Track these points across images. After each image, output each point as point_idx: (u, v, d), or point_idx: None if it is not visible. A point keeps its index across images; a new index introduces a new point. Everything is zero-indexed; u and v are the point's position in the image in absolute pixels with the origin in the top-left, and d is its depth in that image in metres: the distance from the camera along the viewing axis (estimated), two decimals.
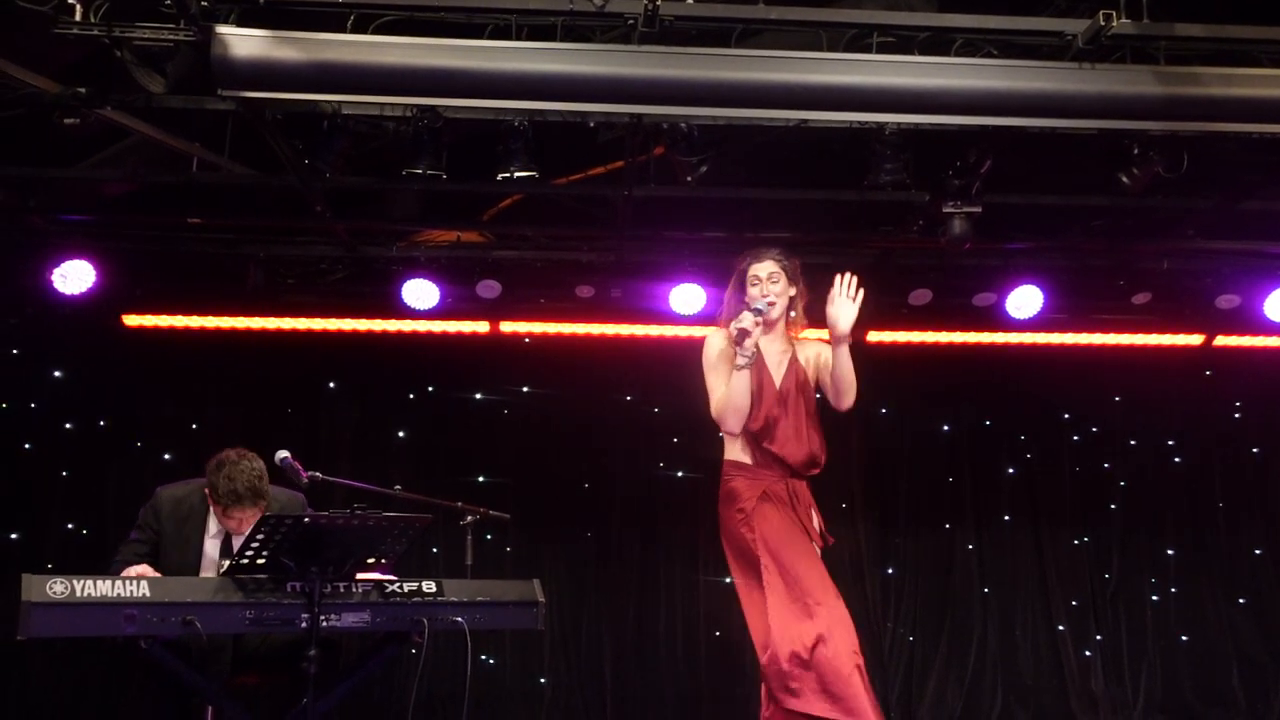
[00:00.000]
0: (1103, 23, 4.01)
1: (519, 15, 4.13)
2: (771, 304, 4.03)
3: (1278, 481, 7.27)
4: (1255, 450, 7.37)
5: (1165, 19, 4.21)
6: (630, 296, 6.56)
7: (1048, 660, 7.01)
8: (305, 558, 3.55)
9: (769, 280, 4.10)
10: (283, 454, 4.15)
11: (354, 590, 3.73)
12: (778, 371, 4.12)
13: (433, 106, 4.50)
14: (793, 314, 4.20)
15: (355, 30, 4.05)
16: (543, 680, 6.76)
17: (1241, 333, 6.88)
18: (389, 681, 6.39)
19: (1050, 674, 6.97)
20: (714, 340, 4.09)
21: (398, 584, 3.79)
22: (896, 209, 5.78)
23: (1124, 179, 4.99)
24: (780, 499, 3.98)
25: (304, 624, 3.54)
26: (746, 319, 3.88)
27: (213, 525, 4.17)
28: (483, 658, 6.67)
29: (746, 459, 4.05)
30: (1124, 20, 4.09)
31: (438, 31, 4.13)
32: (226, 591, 3.52)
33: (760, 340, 3.98)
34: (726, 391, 3.93)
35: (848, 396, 4.05)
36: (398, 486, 4.52)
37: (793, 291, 4.16)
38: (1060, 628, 7.04)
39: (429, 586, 3.87)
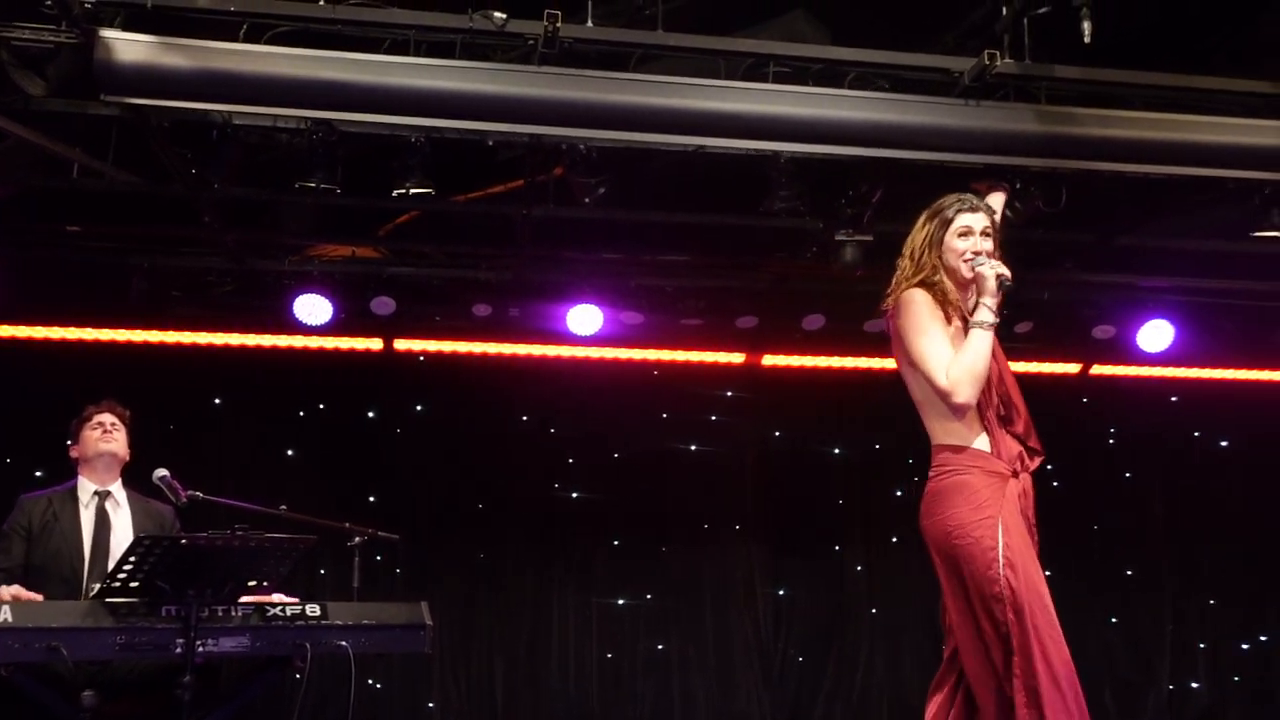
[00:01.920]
0: (987, 62, 4.17)
1: (417, 31, 4.10)
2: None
3: (1147, 505, 7.57)
4: (1128, 475, 7.67)
5: (1046, 61, 4.39)
6: (528, 316, 6.54)
7: (933, 679, 7.15)
8: (182, 580, 3.43)
9: (982, 235, 3.30)
10: (161, 471, 4.04)
11: (233, 614, 3.62)
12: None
13: (327, 120, 4.42)
14: None
15: (248, 40, 3.97)
16: (431, 704, 6.66)
17: (1116, 362, 7.18)
18: (270, 708, 6.19)
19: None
20: (918, 298, 3.22)
21: (279, 607, 3.69)
22: (791, 235, 5.89)
23: (1007, 212, 5.16)
24: (1018, 501, 3.15)
25: (179, 649, 3.43)
26: (996, 265, 3.19)
27: (87, 520, 4.14)
28: (369, 681, 6.52)
29: (981, 445, 3.16)
30: (1007, 60, 4.26)
31: (334, 44, 4.07)
32: (96, 616, 3.39)
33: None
34: (963, 352, 3.11)
35: None
36: (283, 506, 4.44)
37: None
38: (945, 648, 7.19)
39: (312, 609, 3.78)
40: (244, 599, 3.69)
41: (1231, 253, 5.91)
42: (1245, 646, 7.42)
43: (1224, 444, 7.61)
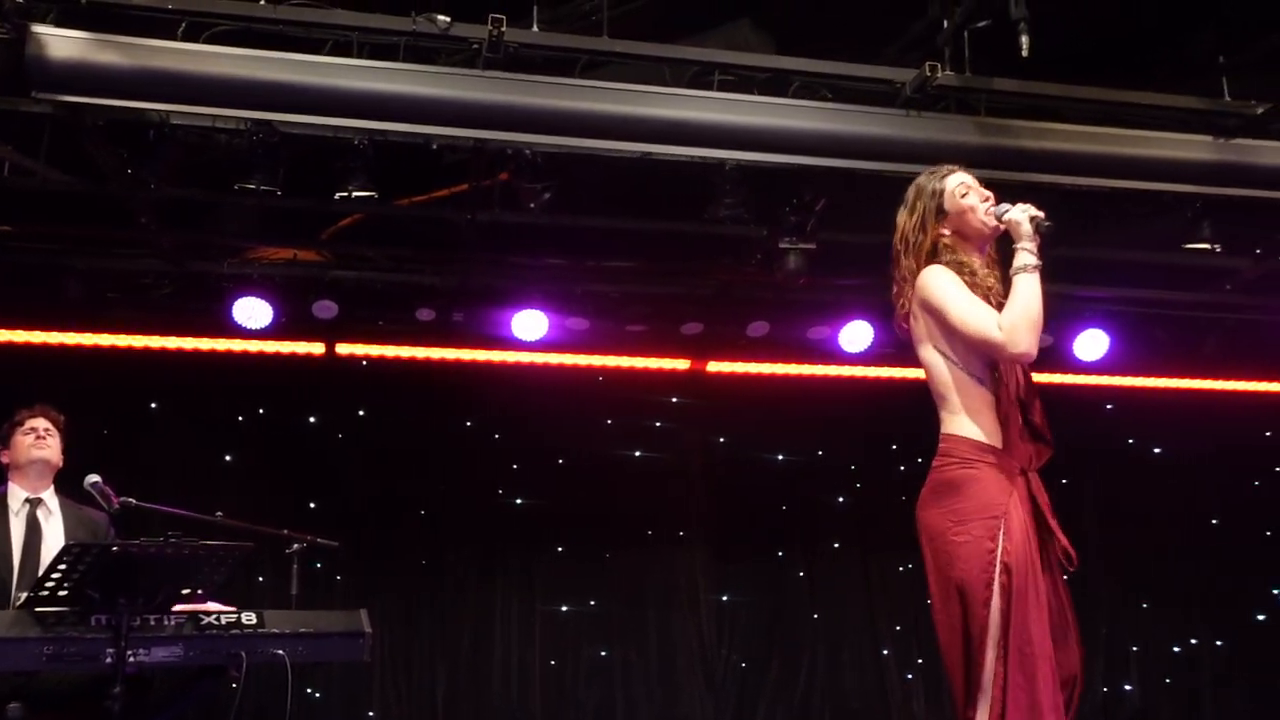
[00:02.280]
0: (928, 73, 4.23)
1: (360, 33, 4.07)
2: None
3: (1082, 511, 7.71)
4: (1064, 481, 7.79)
5: (986, 74, 4.46)
6: (472, 321, 6.50)
7: (872, 683, 7.24)
8: (112, 588, 3.35)
9: (978, 185, 3.12)
10: (93, 478, 3.95)
11: (166, 623, 3.54)
12: None
13: (268, 121, 4.36)
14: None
15: (186, 38, 3.91)
16: (371, 713, 6.58)
17: (1052, 370, 7.30)
18: (205, 719, 6.09)
19: (874, 697, 7.20)
20: (936, 271, 2.99)
21: (214, 615, 3.62)
22: (736, 242, 5.92)
23: None
24: (1028, 503, 2.95)
25: (109, 660, 3.34)
26: (1027, 207, 2.94)
27: (17, 529, 4.05)
28: (308, 691, 6.44)
29: (994, 439, 2.92)
30: (948, 72, 4.33)
31: (275, 45, 4.02)
32: (23, 625, 3.29)
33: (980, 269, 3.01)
34: (1013, 300, 2.85)
35: None
36: (219, 513, 4.34)
37: None
38: (885, 652, 7.28)
39: (248, 618, 3.71)
40: (178, 607, 3.62)
41: (1165, 264, 6.05)
42: (1176, 649, 7.59)
43: (1157, 451, 7.78)
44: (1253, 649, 7.59)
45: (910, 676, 7.26)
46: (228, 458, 6.73)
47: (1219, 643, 7.60)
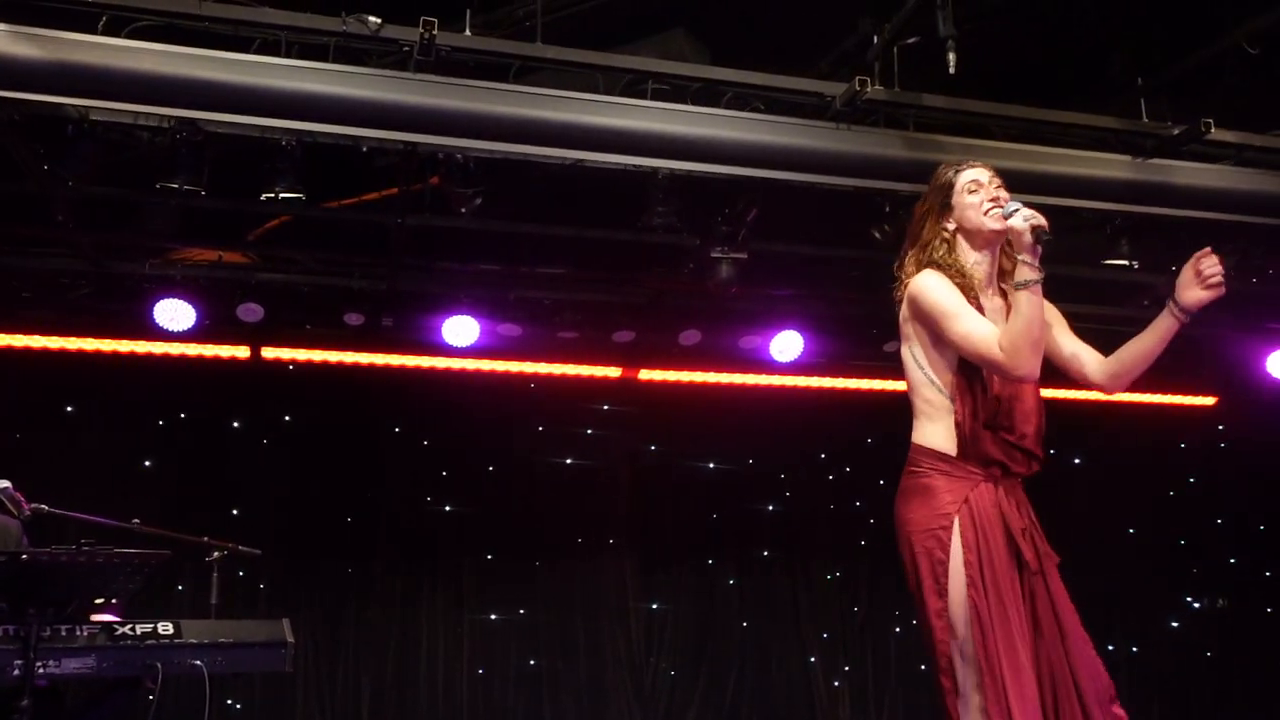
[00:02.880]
0: (858, 87, 4.28)
1: (289, 32, 4.01)
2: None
3: None
4: None
5: (914, 89, 4.54)
6: (402, 326, 6.43)
7: (800, 691, 7.30)
8: (21, 598, 3.25)
9: (992, 185, 2.95)
10: (3, 483, 3.81)
11: (78, 633, 3.44)
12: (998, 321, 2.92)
13: (192, 119, 4.26)
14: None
15: (107, 33, 3.81)
16: None
17: None
18: None
19: (802, 705, 7.26)
20: (931, 279, 2.88)
21: (128, 625, 3.52)
22: (668, 251, 5.93)
23: (876, 234, 5.31)
24: (996, 509, 2.88)
25: (17, 671, 3.23)
26: (1031, 215, 2.77)
27: None
28: (229, 702, 6.30)
29: (951, 448, 2.87)
30: (878, 87, 4.39)
31: (200, 42, 3.94)
32: None
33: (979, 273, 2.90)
34: (1014, 318, 2.78)
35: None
36: (136, 520, 4.22)
37: None
38: (812, 659, 7.34)
39: (165, 628, 3.63)
40: (95, 617, 3.52)
41: (1085, 279, 6.19)
42: None
43: (1077, 461, 7.97)
44: (1167, 655, 7.81)
45: (837, 684, 7.33)
46: (147, 463, 6.58)
47: (1134, 649, 7.79)
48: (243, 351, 6.43)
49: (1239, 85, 4.80)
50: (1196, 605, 8.01)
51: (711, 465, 7.54)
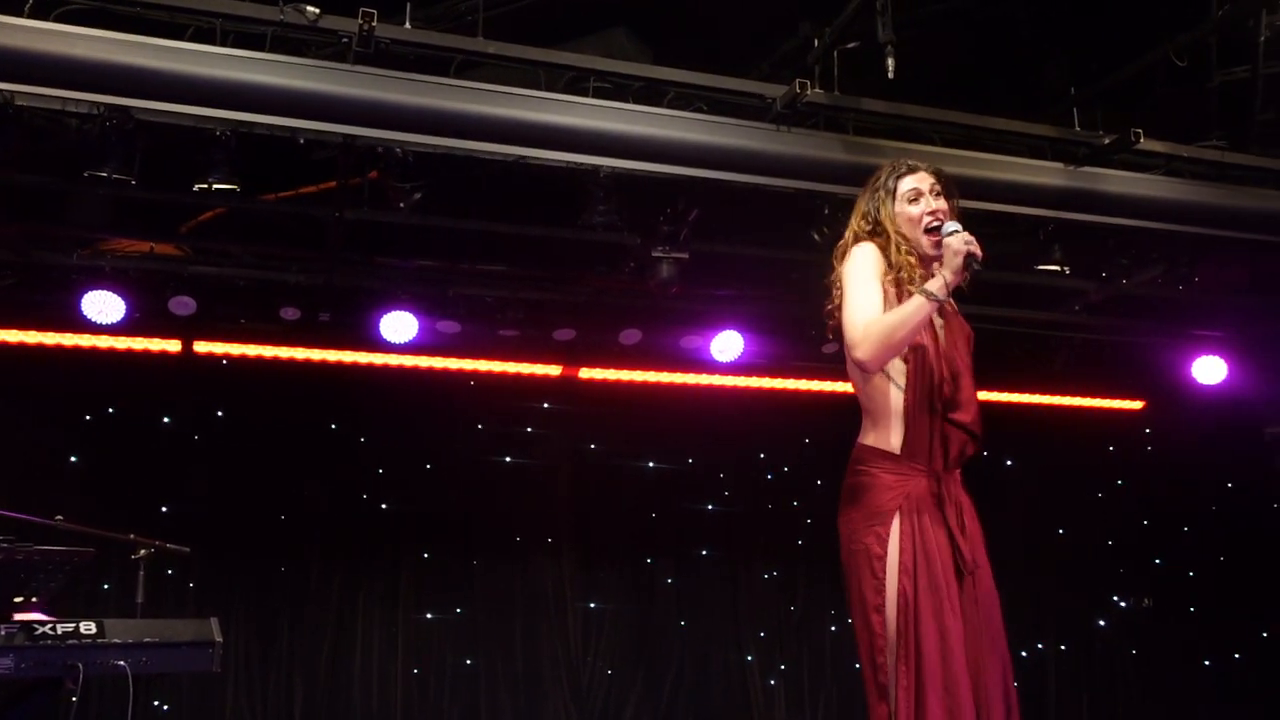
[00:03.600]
0: (798, 90, 4.32)
1: (225, 20, 3.94)
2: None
3: None
4: None
5: (854, 93, 4.58)
6: (339, 322, 6.35)
7: (736, 690, 7.34)
8: None
9: (933, 194, 2.95)
10: None
11: None
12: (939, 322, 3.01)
13: (123, 107, 4.16)
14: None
15: (34, 16, 3.71)
16: None
17: None
18: None
19: (738, 703, 7.30)
20: (866, 249, 2.90)
21: (49, 625, 3.43)
22: (610, 250, 5.92)
23: (816, 236, 5.35)
24: (931, 500, 2.89)
25: None
26: (970, 240, 2.76)
27: None
28: (155, 703, 6.17)
29: (892, 444, 2.89)
30: (817, 90, 4.42)
31: (133, 27, 3.85)
32: None
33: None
34: (893, 312, 2.78)
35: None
36: (59, 517, 4.11)
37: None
38: (749, 658, 7.38)
39: (87, 627, 3.53)
40: (16, 616, 3.42)
41: (1018, 284, 6.30)
42: (1024, 654, 7.91)
43: (1009, 463, 8.11)
44: (1095, 653, 7.98)
45: (773, 682, 7.39)
46: (73, 458, 6.42)
47: (1063, 647, 7.95)
48: (174, 345, 6.29)
49: (1168, 97, 4.93)
50: (1123, 604, 8.19)
51: (651, 464, 7.55)
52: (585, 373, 7.03)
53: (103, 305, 5.79)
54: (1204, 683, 7.96)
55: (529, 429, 7.31)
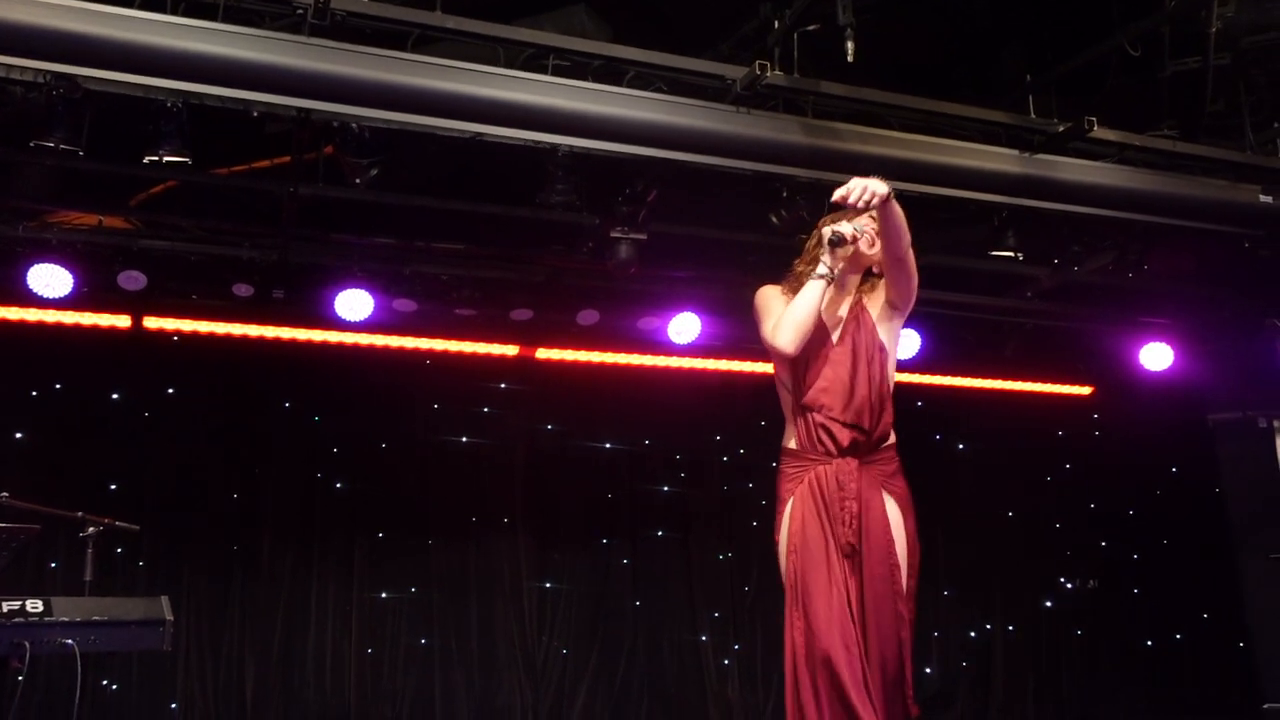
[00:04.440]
0: (758, 72, 4.31)
1: None
2: (855, 237, 3.35)
3: None
4: None
5: (813, 76, 4.59)
6: (293, 299, 6.28)
7: (690, 669, 7.37)
8: None
9: (864, 218, 3.42)
10: None
11: None
12: (834, 328, 3.47)
13: (70, 75, 4.07)
14: (874, 271, 3.51)
15: None
16: (174, 705, 6.28)
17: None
18: None
19: (692, 682, 7.34)
20: (768, 289, 3.51)
21: None
22: (567, 230, 5.90)
23: (774, 219, 5.37)
24: (818, 485, 3.37)
25: None
26: (846, 227, 3.31)
27: None
28: (104, 683, 6.10)
29: (793, 441, 3.47)
30: (777, 72, 4.42)
31: None
32: None
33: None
34: (790, 304, 3.33)
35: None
36: (4, 494, 4.04)
37: (876, 248, 3.41)
38: (703, 638, 7.43)
39: (34, 605, 3.49)
40: None
41: (972, 269, 6.37)
42: (973, 634, 8.04)
43: (961, 447, 8.22)
44: (1041, 633, 8.13)
45: (727, 662, 7.44)
46: (18, 435, 6.29)
47: (1010, 628, 8.09)
48: (124, 321, 6.19)
49: (1121, 86, 4.99)
50: (1069, 586, 8.34)
51: (607, 445, 7.55)
52: (542, 353, 7.01)
53: (49, 279, 5.69)
54: (1147, 663, 8.14)
55: (485, 409, 7.28)
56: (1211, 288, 6.86)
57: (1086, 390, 8.13)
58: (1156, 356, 7.38)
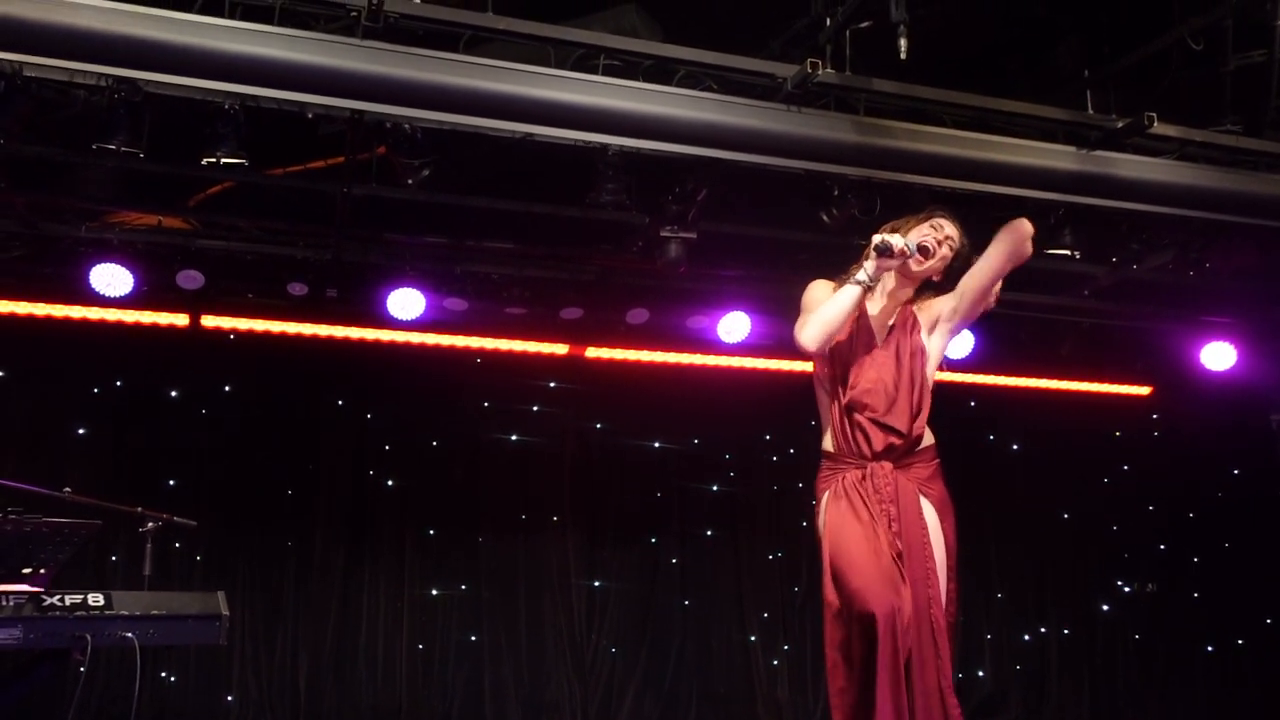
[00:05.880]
0: (810, 70, 4.27)
1: None
2: (928, 249, 3.46)
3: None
4: None
5: (865, 73, 4.55)
6: (346, 297, 6.35)
7: (739, 669, 7.36)
8: None
9: (945, 235, 3.55)
10: None
11: (4, 603, 3.36)
12: (880, 333, 3.56)
13: (131, 79, 4.15)
14: (934, 281, 3.61)
15: None
16: (229, 698, 6.39)
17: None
18: (50, 703, 5.82)
19: (741, 683, 7.32)
20: (819, 282, 3.55)
21: (57, 596, 3.45)
22: (617, 229, 5.90)
23: (825, 217, 5.33)
24: (857, 486, 3.41)
25: None
26: (898, 240, 3.37)
27: None
28: (162, 674, 6.22)
29: (830, 444, 3.52)
30: (829, 70, 4.38)
31: None
32: None
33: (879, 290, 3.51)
34: (825, 303, 3.40)
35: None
36: (67, 489, 4.13)
37: (945, 259, 3.54)
38: (752, 638, 7.40)
39: (95, 599, 3.56)
40: (17, 587, 3.44)
41: (1027, 268, 6.24)
42: (1026, 638, 7.93)
43: (1015, 448, 8.10)
44: (1096, 637, 7.99)
45: (776, 663, 7.41)
46: (80, 431, 6.44)
47: (1065, 631, 7.97)
48: (182, 319, 6.30)
49: (1182, 81, 4.88)
50: (1126, 589, 8.20)
51: (656, 444, 7.55)
52: (592, 352, 7.02)
53: (110, 278, 5.81)
54: (1205, 668, 7.97)
55: (535, 407, 7.31)
56: (1275, 285, 6.69)
57: (1145, 390, 7.97)
58: (1218, 356, 7.22)
